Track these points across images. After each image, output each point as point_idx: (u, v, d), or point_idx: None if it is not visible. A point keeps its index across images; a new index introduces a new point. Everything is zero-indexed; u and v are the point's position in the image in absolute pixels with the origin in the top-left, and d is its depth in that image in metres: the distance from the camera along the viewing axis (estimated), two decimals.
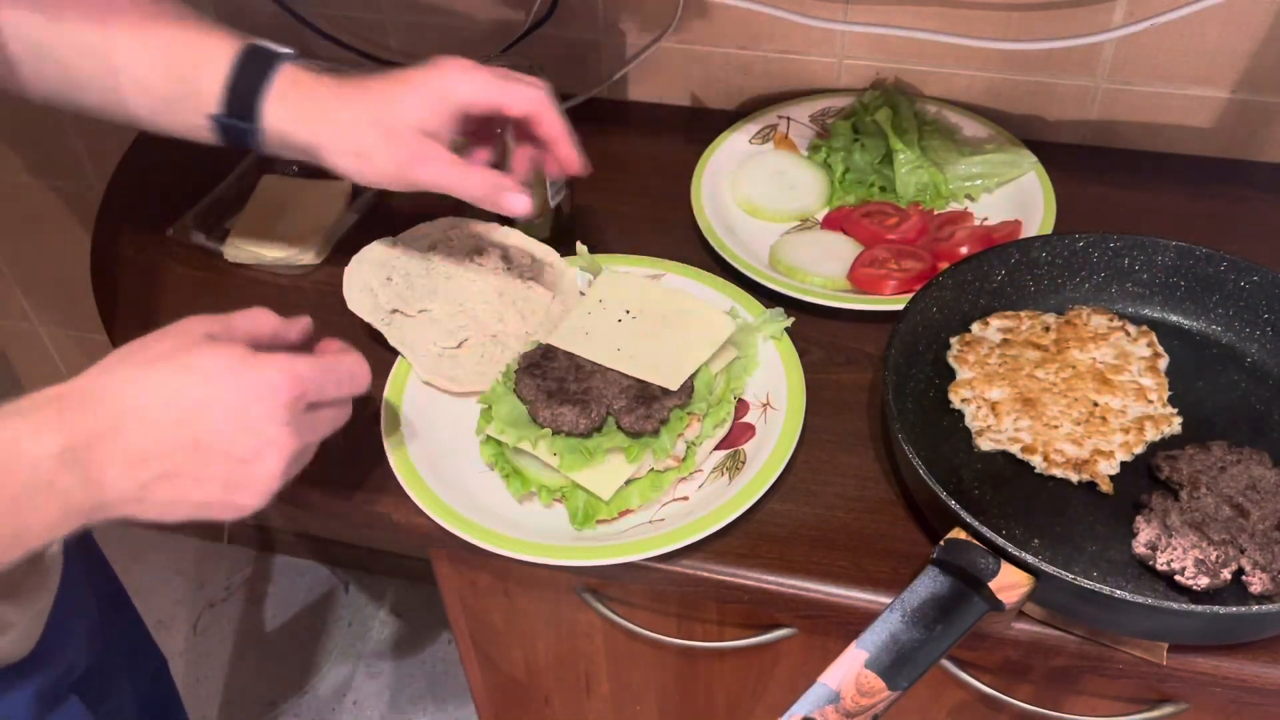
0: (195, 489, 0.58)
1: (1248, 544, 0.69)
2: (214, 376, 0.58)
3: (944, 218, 0.99)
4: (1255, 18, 0.95)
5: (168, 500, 0.58)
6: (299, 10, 1.17)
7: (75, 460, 0.54)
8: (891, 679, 0.60)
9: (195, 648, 1.85)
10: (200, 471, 0.57)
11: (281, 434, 0.59)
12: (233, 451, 0.58)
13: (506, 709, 1.09)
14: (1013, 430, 0.78)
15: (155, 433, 0.56)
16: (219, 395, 0.58)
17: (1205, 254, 0.84)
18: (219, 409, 0.57)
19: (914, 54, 1.06)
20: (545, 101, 0.76)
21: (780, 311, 0.86)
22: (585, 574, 0.83)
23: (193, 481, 0.58)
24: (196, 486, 0.58)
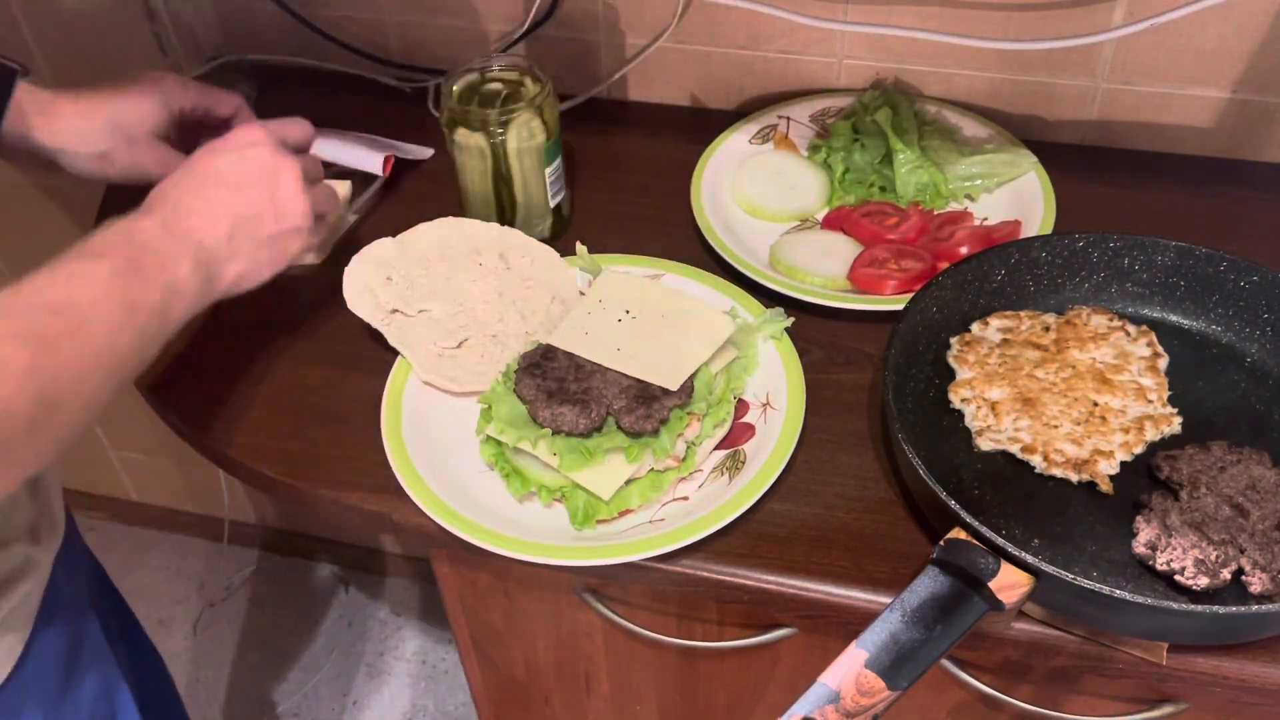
0: (259, 224, 0.75)
1: (1247, 544, 0.69)
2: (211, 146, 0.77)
3: (944, 218, 0.99)
4: (1255, 18, 0.95)
5: (250, 245, 0.75)
6: (299, 10, 1.17)
7: (167, 227, 0.71)
8: (891, 679, 0.60)
9: (195, 648, 1.85)
10: (251, 210, 0.75)
11: (276, 162, 0.77)
12: (253, 171, 0.76)
13: (506, 709, 1.09)
14: (1013, 430, 0.78)
15: (214, 185, 0.75)
16: (220, 144, 0.77)
17: (1205, 254, 0.84)
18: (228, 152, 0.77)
19: (914, 54, 1.06)
20: (246, 106, 0.95)
21: (780, 311, 0.86)
22: (585, 574, 0.83)
23: (254, 218, 0.75)
24: (259, 222, 0.75)
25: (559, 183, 0.97)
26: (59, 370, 0.60)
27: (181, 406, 0.87)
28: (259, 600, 1.92)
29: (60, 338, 0.60)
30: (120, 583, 1.08)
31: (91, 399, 0.63)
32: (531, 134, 0.91)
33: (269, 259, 0.77)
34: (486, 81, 0.95)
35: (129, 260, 0.67)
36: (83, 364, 0.62)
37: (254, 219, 0.75)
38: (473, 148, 0.92)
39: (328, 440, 0.84)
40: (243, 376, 0.89)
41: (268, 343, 0.91)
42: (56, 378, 0.59)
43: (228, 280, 0.74)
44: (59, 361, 0.60)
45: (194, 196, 0.74)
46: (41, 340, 0.59)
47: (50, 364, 0.59)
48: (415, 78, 1.19)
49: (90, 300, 0.63)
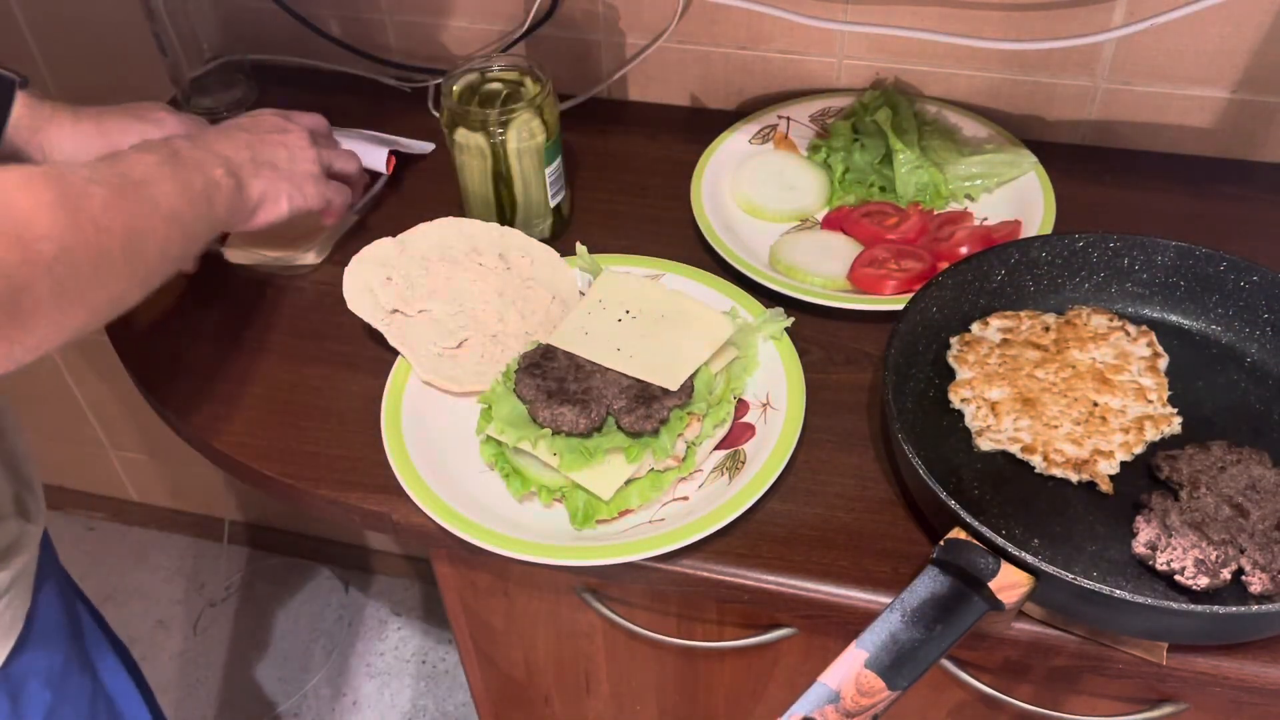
0: (275, 155, 0.84)
1: (1247, 544, 0.69)
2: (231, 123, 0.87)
3: (944, 218, 0.99)
4: (1255, 18, 0.95)
5: (270, 170, 0.83)
6: (299, 10, 1.17)
7: (195, 143, 0.78)
8: (891, 679, 0.60)
9: (195, 648, 1.85)
10: (265, 142, 0.84)
11: (288, 123, 0.88)
12: (268, 135, 0.85)
13: (506, 709, 1.09)
14: (1012, 430, 0.78)
15: (234, 130, 0.84)
16: (246, 119, 0.88)
17: (1205, 254, 0.84)
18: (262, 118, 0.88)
19: (914, 54, 1.06)
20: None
21: (780, 311, 0.86)
22: (585, 574, 0.83)
23: (270, 150, 0.84)
24: (275, 153, 0.84)
25: (559, 183, 0.97)
26: (138, 209, 0.67)
27: (181, 406, 0.87)
28: (259, 600, 1.92)
29: (134, 187, 0.68)
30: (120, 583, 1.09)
31: (164, 253, 0.70)
32: (531, 134, 0.91)
33: (288, 191, 0.84)
34: (486, 81, 0.95)
35: (171, 155, 0.73)
36: (155, 215, 0.69)
37: (270, 150, 0.84)
38: (473, 148, 0.92)
39: (328, 440, 0.84)
40: (243, 376, 0.89)
41: (268, 343, 0.91)
42: (136, 215, 0.67)
43: (254, 194, 0.81)
44: (137, 203, 0.67)
45: (214, 132, 0.84)
46: (117, 188, 0.66)
47: (130, 204, 0.67)
48: (415, 78, 1.19)
49: (149, 175, 0.70)
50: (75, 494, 2.00)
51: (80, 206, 0.62)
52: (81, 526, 2.02)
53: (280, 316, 0.94)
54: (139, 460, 1.90)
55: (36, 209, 0.59)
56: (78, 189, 0.63)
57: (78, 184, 0.63)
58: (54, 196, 0.60)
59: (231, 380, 0.89)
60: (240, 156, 0.81)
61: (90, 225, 0.62)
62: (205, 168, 0.77)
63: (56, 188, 0.61)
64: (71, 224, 0.61)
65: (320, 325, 0.92)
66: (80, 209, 0.62)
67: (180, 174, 0.73)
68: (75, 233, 0.61)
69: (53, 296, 0.59)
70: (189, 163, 0.75)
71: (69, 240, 0.60)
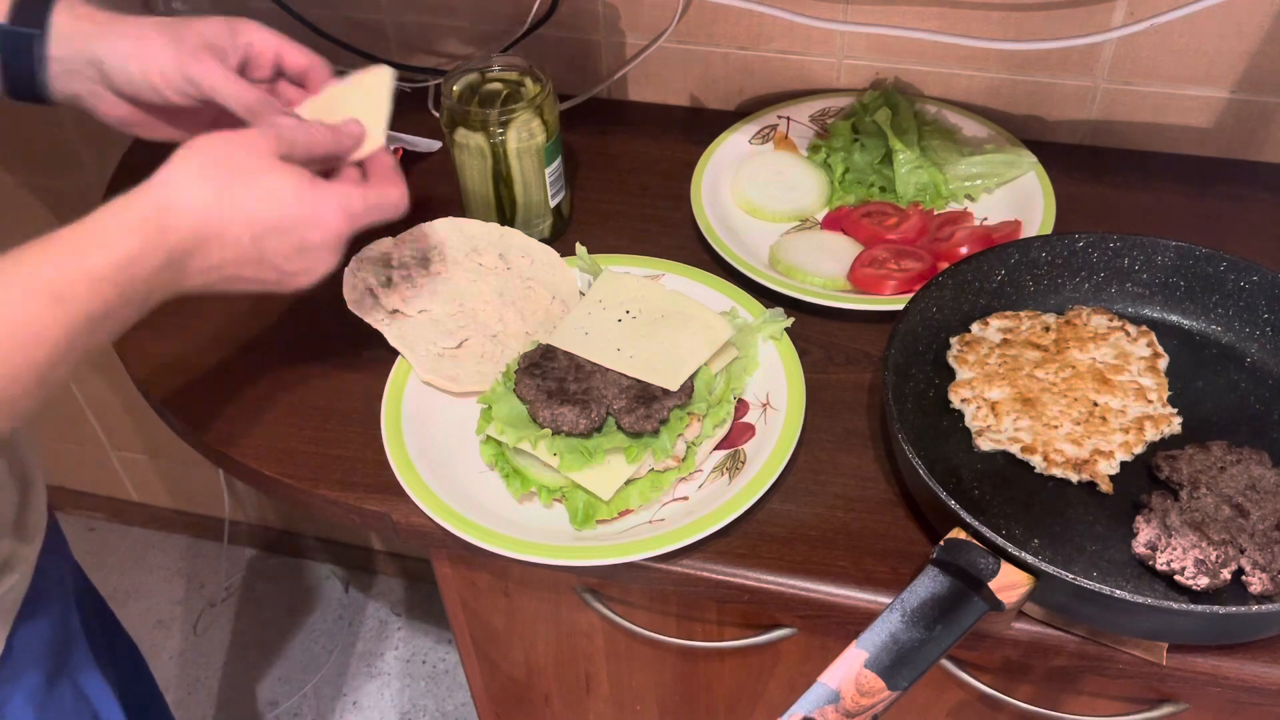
0: (246, 286, 0.70)
1: (1247, 544, 0.69)
2: (283, 205, 0.67)
3: (944, 218, 0.99)
4: (1255, 18, 0.95)
5: (222, 291, 0.69)
6: (299, 10, 1.17)
7: (170, 272, 0.64)
8: (891, 679, 0.60)
9: (195, 648, 1.85)
10: (258, 275, 0.69)
11: (328, 259, 0.71)
12: (286, 267, 0.69)
13: (506, 709, 1.09)
14: (1012, 430, 0.78)
15: (231, 251, 0.66)
16: (286, 222, 0.67)
17: (1205, 254, 0.84)
18: (285, 235, 0.68)
19: (914, 54, 1.06)
20: (323, 65, 0.82)
21: (780, 311, 0.86)
22: (585, 574, 0.83)
23: (246, 283, 0.69)
24: (247, 285, 0.70)
25: (559, 183, 0.97)
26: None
27: (181, 406, 0.87)
28: (259, 600, 1.92)
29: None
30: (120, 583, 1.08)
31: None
32: (531, 134, 0.91)
33: (233, 292, 0.71)
34: (486, 81, 0.95)
35: (129, 284, 0.62)
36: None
37: (248, 283, 0.69)
38: (473, 148, 0.92)
39: (327, 440, 0.84)
40: (242, 376, 0.89)
41: (267, 342, 0.91)
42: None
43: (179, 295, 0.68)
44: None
45: (216, 251, 0.66)
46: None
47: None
48: (415, 78, 1.19)
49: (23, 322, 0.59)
50: (75, 494, 2.00)
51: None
52: (81, 526, 2.02)
53: (280, 317, 0.94)
54: (139, 460, 1.90)
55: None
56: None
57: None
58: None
59: (231, 380, 0.89)
60: (202, 284, 0.67)
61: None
62: (139, 304, 0.64)
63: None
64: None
65: (320, 325, 0.92)
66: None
67: (81, 329, 0.61)
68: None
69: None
70: (113, 310, 0.62)
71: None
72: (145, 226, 0.63)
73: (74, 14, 0.75)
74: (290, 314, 0.94)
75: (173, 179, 0.65)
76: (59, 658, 0.83)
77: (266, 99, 0.77)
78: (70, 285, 0.60)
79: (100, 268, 0.61)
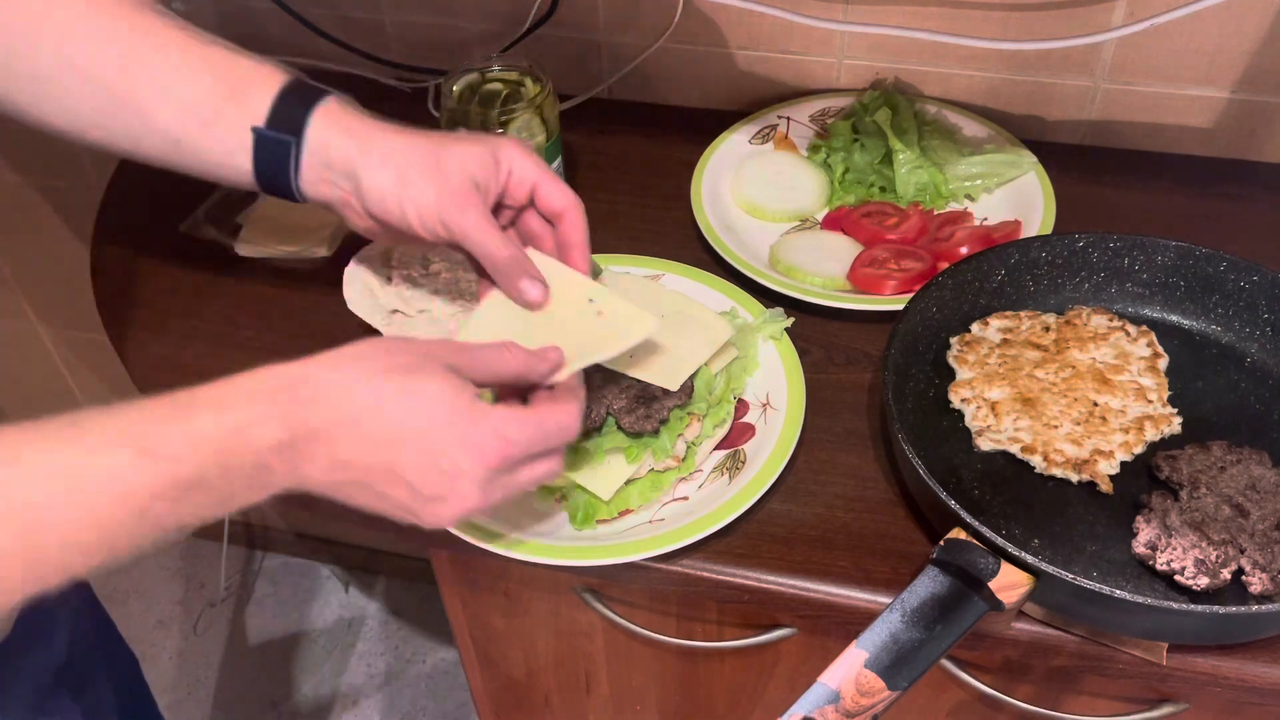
0: (375, 502, 0.62)
1: (1247, 544, 0.69)
2: (433, 415, 0.59)
3: (944, 218, 0.99)
4: (1255, 18, 0.95)
5: (348, 498, 0.62)
6: (299, 10, 1.17)
7: (290, 453, 0.57)
8: (891, 679, 0.60)
9: (195, 648, 1.85)
10: (385, 490, 0.61)
11: (471, 492, 0.61)
12: (421, 489, 0.60)
13: (506, 709, 1.09)
14: (1012, 430, 0.78)
15: (362, 447, 0.59)
16: (430, 435, 0.59)
17: (1205, 254, 0.84)
18: (425, 448, 0.60)
19: (914, 54, 1.06)
20: (579, 204, 0.75)
21: (780, 311, 0.86)
22: (585, 574, 0.83)
23: (375, 496, 0.61)
24: (377, 500, 0.62)
25: None
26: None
27: None
28: (259, 600, 1.92)
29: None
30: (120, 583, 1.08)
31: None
32: (531, 134, 0.91)
33: (368, 508, 0.63)
34: (486, 81, 0.95)
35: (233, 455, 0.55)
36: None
37: (374, 496, 0.62)
38: None
39: None
40: None
41: (267, 343, 0.91)
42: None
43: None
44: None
45: (344, 442, 0.59)
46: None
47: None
48: (415, 78, 1.19)
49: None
50: None
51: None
52: None
53: (280, 317, 0.94)
54: None
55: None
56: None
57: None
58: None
59: None
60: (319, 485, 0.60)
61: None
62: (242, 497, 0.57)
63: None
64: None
65: (320, 325, 0.92)
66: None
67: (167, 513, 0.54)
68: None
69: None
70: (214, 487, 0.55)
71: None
72: (273, 394, 0.57)
73: (336, 124, 0.72)
74: (290, 314, 0.94)
75: (325, 359, 0.60)
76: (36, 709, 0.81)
77: (518, 260, 0.72)
78: (165, 442, 0.53)
79: (204, 430, 0.54)
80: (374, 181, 0.70)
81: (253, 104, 0.72)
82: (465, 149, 0.71)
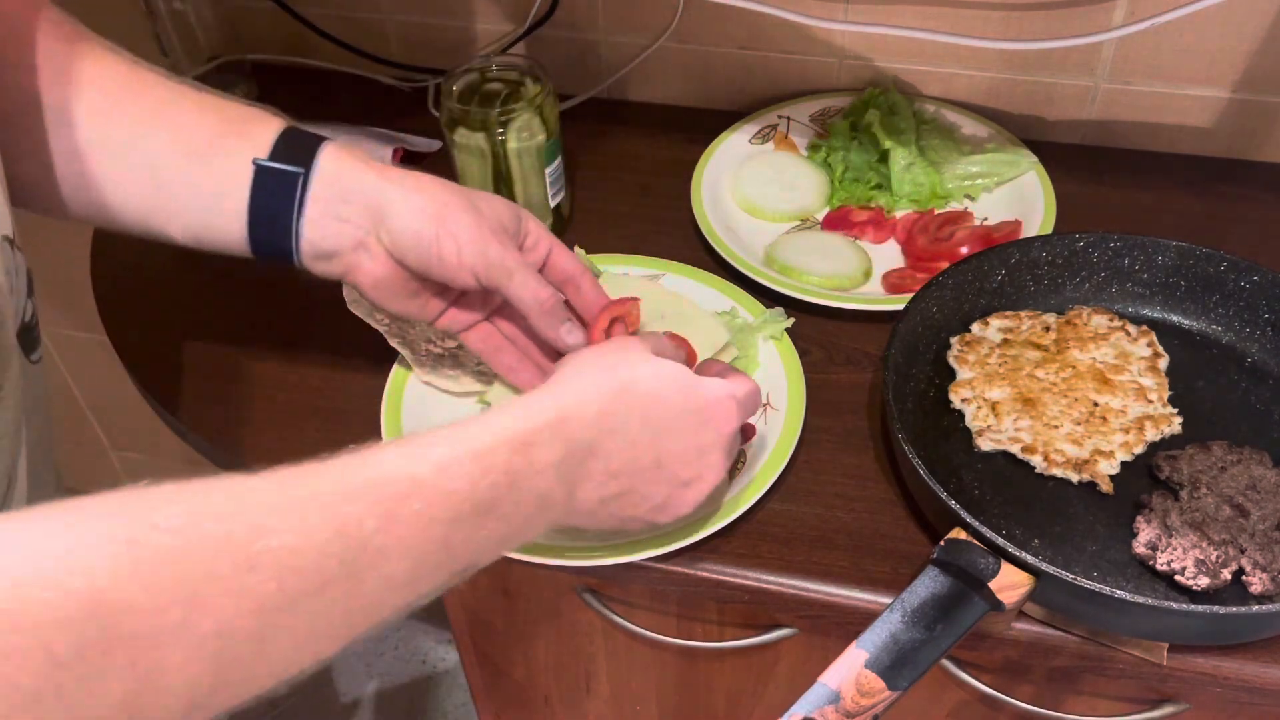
0: (635, 507, 0.60)
1: (1248, 544, 0.69)
2: (680, 394, 0.60)
3: (944, 218, 0.99)
4: (1255, 18, 0.95)
5: (609, 513, 0.60)
6: (299, 10, 1.17)
7: (567, 471, 0.55)
8: (891, 679, 0.60)
9: None
10: (648, 489, 0.60)
11: (719, 462, 0.62)
12: (681, 474, 0.61)
13: (506, 709, 1.09)
14: (1013, 430, 0.78)
15: (631, 451, 0.58)
16: (680, 418, 0.60)
17: (1205, 254, 0.84)
18: (680, 431, 0.60)
19: (914, 54, 1.06)
20: (589, 271, 0.75)
21: (780, 311, 0.86)
22: (585, 574, 0.83)
23: (638, 499, 0.60)
24: (637, 504, 0.60)
25: (559, 183, 0.97)
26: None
27: (181, 406, 0.87)
28: None
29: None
30: None
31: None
32: (531, 134, 0.91)
33: (609, 528, 0.63)
34: (486, 81, 0.95)
35: (524, 480, 0.52)
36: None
37: (636, 499, 0.60)
38: (473, 148, 0.92)
39: (328, 440, 0.83)
40: (242, 376, 0.89)
41: (267, 342, 0.91)
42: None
43: (559, 526, 0.59)
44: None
45: (615, 451, 0.57)
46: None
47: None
48: (415, 78, 1.19)
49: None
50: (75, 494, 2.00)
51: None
52: None
53: (280, 317, 0.94)
54: (139, 460, 1.90)
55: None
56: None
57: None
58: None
59: (232, 380, 0.89)
60: (589, 501, 0.58)
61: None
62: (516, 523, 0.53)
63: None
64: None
65: (320, 325, 0.92)
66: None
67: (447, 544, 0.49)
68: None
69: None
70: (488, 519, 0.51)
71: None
72: (542, 415, 0.54)
73: (350, 156, 0.66)
74: (290, 314, 0.94)
75: (561, 380, 0.58)
76: None
77: (561, 304, 0.70)
78: (455, 461, 0.49)
79: (488, 445, 0.51)
80: (407, 210, 0.65)
81: (254, 138, 0.66)
82: (492, 198, 0.69)
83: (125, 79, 0.66)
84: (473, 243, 0.66)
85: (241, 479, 0.43)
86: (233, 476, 0.42)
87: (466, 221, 0.66)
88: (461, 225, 0.66)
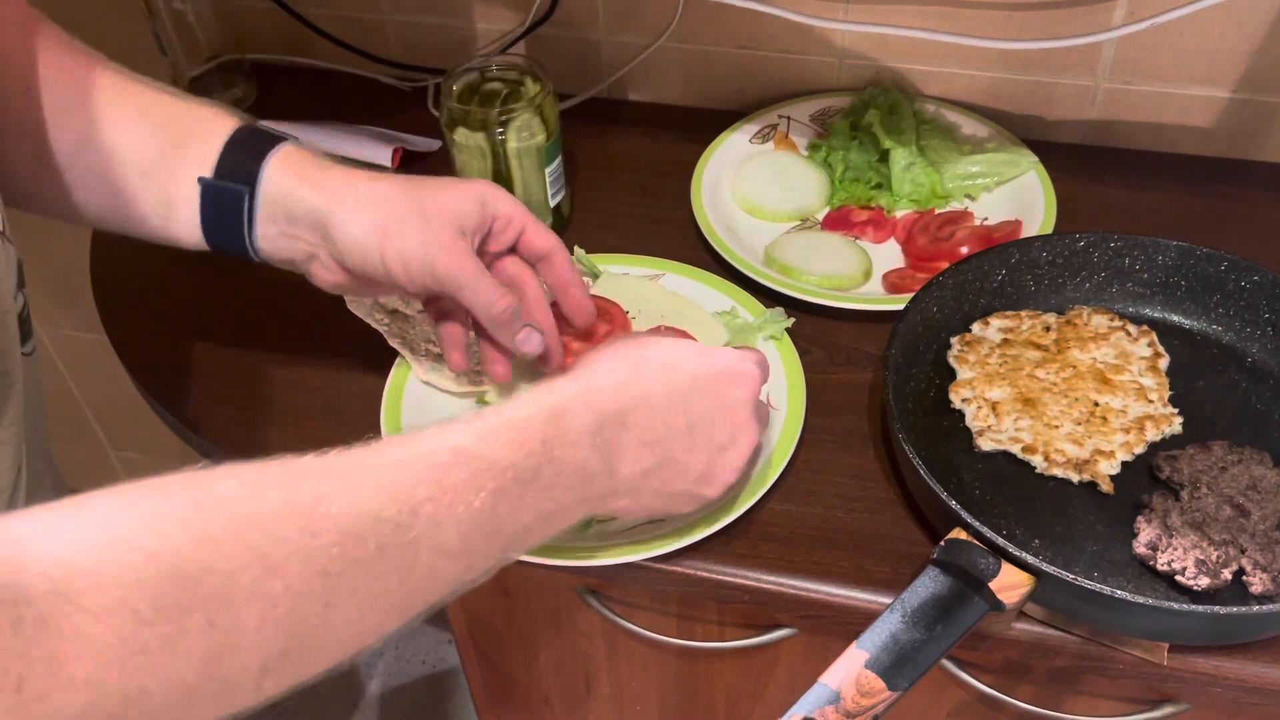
0: (677, 478, 0.62)
1: (1248, 544, 0.69)
2: (691, 365, 0.62)
3: (944, 217, 0.99)
4: (1255, 18, 0.95)
5: (654, 490, 0.61)
6: (299, 10, 1.17)
7: (602, 443, 0.56)
8: (892, 679, 0.60)
9: None
10: (686, 457, 0.61)
11: (751, 423, 0.64)
12: (715, 437, 0.62)
13: (506, 709, 1.09)
14: (1013, 430, 0.78)
15: (660, 416, 0.59)
16: (699, 381, 0.62)
17: (1205, 254, 0.84)
18: (703, 394, 0.62)
19: (914, 53, 1.06)
20: (562, 246, 0.74)
21: (780, 311, 0.86)
22: (585, 574, 0.83)
23: (678, 470, 0.62)
24: (679, 476, 0.62)
25: (559, 182, 0.97)
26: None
27: (181, 406, 0.87)
28: None
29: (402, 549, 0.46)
30: None
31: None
32: (531, 134, 0.91)
33: (660, 508, 0.64)
34: (486, 81, 0.94)
35: (561, 450, 0.53)
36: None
37: (677, 471, 0.61)
38: (473, 148, 0.92)
39: (328, 440, 0.83)
40: (242, 377, 0.89)
41: (267, 342, 0.91)
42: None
43: (607, 508, 0.60)
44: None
45: (645, 418, 0.59)
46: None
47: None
48: (415, 78, 1.19)
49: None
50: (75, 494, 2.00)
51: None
52: None
53: (280, 317, 0.94)
54: (139, 460, 1.90)
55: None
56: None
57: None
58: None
59: (232, 380, 0.89)
60: (630, 473, 0.59)
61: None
62: (557, 496, 0.54)
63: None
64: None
65: (320, 325, 0.92)
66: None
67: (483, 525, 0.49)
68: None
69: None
70: (529, 493, 0.52)
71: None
72: (567, 390, 0.56)
73: (297, 173, 0.66)
74: (290, 314, 0.94)
75: (581, 367, 0.60)
76: None
77: (516, 312, 0.69)
78: (493, 431, 0.51)
79: (523, 416, 0.52)
80: (351, 231, 0.65)
81: (201, 152, 0.66)
82: (448, 195, 0.67)
83: (79, 80, 0.67)
84: (419, 260, 0.66)
85: (292, 458, 0.46)
86: (282, 456, 0.46)
87: (412, 236, 0.65)
88: (408, 241, 0.65)
